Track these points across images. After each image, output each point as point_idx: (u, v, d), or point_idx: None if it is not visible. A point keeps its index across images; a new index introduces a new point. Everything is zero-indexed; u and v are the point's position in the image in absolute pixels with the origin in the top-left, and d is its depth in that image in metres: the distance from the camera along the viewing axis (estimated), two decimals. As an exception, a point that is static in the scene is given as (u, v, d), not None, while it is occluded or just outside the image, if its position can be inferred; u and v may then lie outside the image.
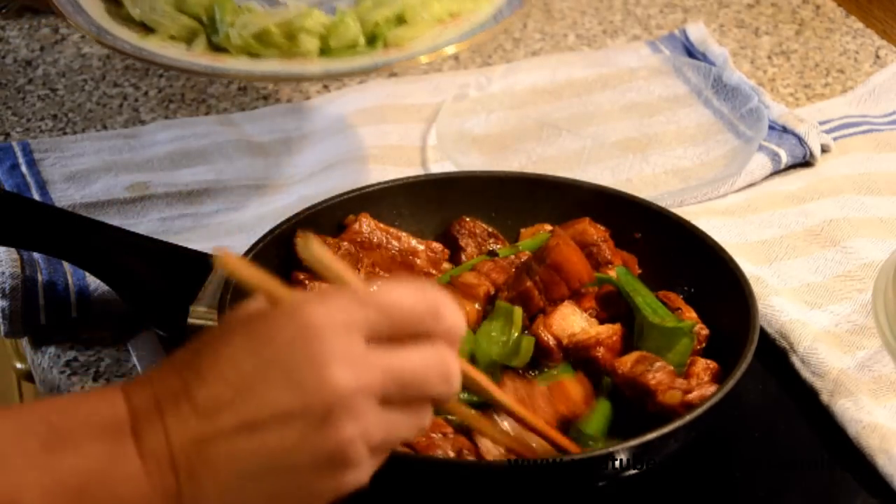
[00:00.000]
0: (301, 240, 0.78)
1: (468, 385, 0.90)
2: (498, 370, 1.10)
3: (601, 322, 1.15)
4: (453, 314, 0.79)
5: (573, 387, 1.09)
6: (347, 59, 1.14)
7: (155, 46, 1.14)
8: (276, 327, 0.75)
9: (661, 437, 1.01)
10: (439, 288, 0.80)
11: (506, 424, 1.03)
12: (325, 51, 1.14)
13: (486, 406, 1.03)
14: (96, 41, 1.13)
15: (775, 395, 1.18)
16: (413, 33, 1.17)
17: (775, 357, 1.20)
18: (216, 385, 0.75)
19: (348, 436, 0.75)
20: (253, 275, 0.79)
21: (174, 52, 1.13)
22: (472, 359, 1.10)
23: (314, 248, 0.78)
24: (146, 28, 1.15)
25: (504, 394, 1.01)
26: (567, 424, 1.07)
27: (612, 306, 1.15)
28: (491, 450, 1.04)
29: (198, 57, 1.13)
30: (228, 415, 0.74)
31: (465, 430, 1.05)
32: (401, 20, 1.17)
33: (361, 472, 0.77)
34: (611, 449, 1.01)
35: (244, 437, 0.75)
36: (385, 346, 0.77)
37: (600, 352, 1.10)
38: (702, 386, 1.09)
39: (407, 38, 1.16)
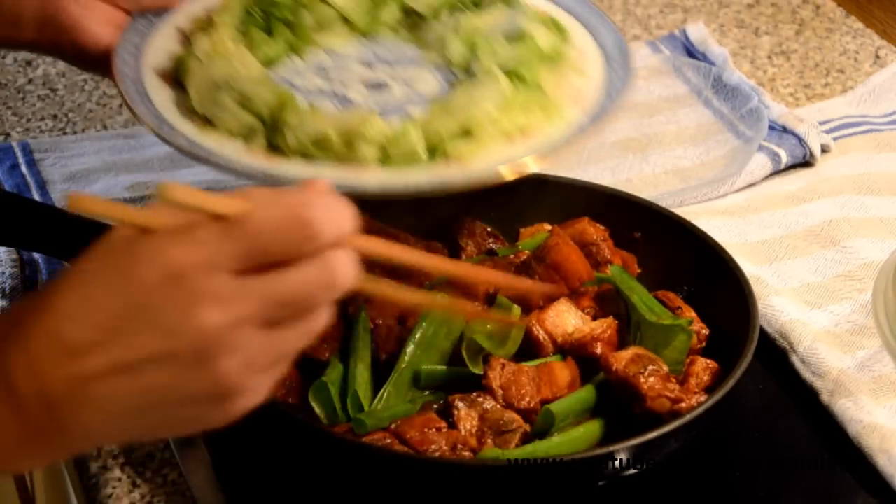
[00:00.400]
0: (160, 190, 0.75)
1: (376, 256, 0.87)
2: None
3: (599, 317, 1.15)
4: (333, 221, 0.77)
5: (560, 371, 1.10)
6: (405, 171, 1.08)
7: (212, 142, 1.09)
8: (141, 267, 0.74)
9: (660, 436, 1.02)
10: (315, 196, 0.76)
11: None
12: (385, 159, 1.09)
13: None
14: (154, 133, 1.09)
15: (775, 395, 1.18)
16: (478, 148, 1.10)
17: (775, 357, 1.20)
18: (85, 326, 0.74)
19: (224, 371, 0.74)
20: (110, 208, 0.77)
21: (230, 150, 1.09)
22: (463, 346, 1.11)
23: (173, 191, 0.75)
24: (208, 121, 1.11)
25: (417, 253, 0.96)
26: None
27: (610, 305, 1.15)
28: (463, 419, 1.05)
29: (253, 158, 1.08)
30: (100, 357, 0.74)
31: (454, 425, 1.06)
32: (467, 132, 1.11)
33: (254, 395, 0.77)
34: (610, 448, 1.01)
35: (119, 378, 0.74)
36: (261, 273, 0.75)
37: (598, 347, 1.11)
38: (700, 384, 1.09)
39: (471, 153, 1.10)
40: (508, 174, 1.08)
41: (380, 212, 1.22)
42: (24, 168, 1.40)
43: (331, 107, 1.13)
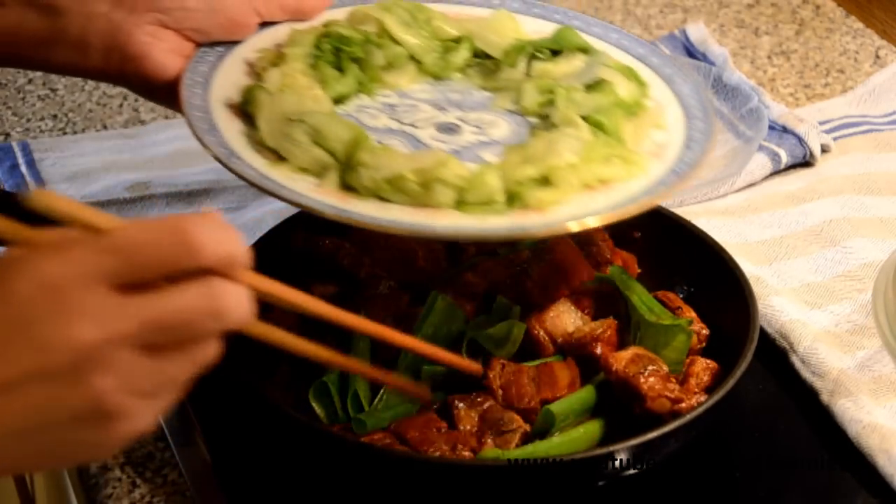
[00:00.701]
0: (32, 196, 0.74)
1: (278, 302, 0.86)
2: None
3: (599, 317, 1.15)
4: (216, 241, 0.75)
5: (561, 371, 1.10)
6: (481, 217, 1.05)
7: (282, 177, 1.06)
8: (16, 281, 0.73)
9: (660, 436, 1.02)
10: (198, 217, 0.74)
11: None
12: (461, 204, 1.06)
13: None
14: (223, 165, 1.06)
15: (775, 395, 1.18)
16: (556, 197, 1.06)
17: (775, 357, 1.20)
18: None
19: (101, 389, 0.73)
20: (71, 209, 0.75)
21: (301, 186, 1.06)
22: (465, 344, 1.11)
23: (47, 199, 0.74)
24: (278, 155, 1.09)
25: (314, 301, 0.91)
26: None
27: (610, 305, 1.15)
28: (463, 419, 1.05)
29: (326, 195, 1.05)
30: None
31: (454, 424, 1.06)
32: (546, 181, 1.08)
33: (137, 420, 0.75)
34: (610, 449, 1.01)
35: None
36: (141, 293, 0.73)
37: (598, 347, 1.11)
38: (700, 384, 1.09)
39: (549, 201, 1.06)
40: (589, 225, 1.05)
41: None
42: (24, 168, 1.40)
43: (402, 147, 1.11)
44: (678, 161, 1.11)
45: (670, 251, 1.21)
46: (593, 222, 1.05)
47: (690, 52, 1.59)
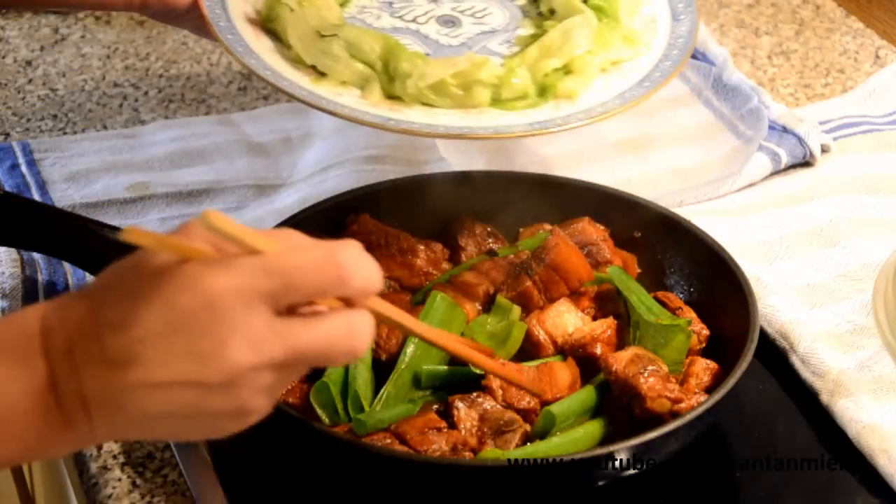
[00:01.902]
0: (204, 217, 0.77)
1: (389, 323, 0.93)
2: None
3: (599, 316, 1.15)
4: (361, 274, 0.79)
5: (561, 371, 1.10)
6: (521, 113, 1.14)
7: (328, 93, 1.13)
8: (182, 293, 0.77)
9: (660, 437, 1.02)
10: (348, 246, 0.79)
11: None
12: (495, 100, 1.15)
13: None
14: (272, 86, 1.12)
15: (775, 395, 1.18)
16: (582, 84, 1.17)
17: (775, 357, 1.20)
18: (126, 339, 0.77)
19: (245, 399, 0.79)
20: (162, 240, 0.79)
21: (348, 100, 1.12)
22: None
23: (214, 220, 0.77)
24: (317, 71, 1.15)
25: (425, 326, 1.00)
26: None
27: (610, 305, 1.15)
28: (463, 419, 1.05)
29: (375, 106, 1.12)
30: (137, 371, 0.77)
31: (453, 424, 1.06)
32: (568, 70, 1.17)
33: (264, 412, 0.81)
34: (610, 448, 1.01)
35: (150, 392, 0.78)
36: (290, 317, 0.78)
37: (598, 348, 1.11)
38: (700, 384, 1.09)
39: (577, 89, 1.16)
40: (625, 109, 1.14)
41: (380, 212, 1.22)
42: (24, 168, 1.40)
43: (417, 47, 1.18)
44: (673, 34, 1.21)
45: (670, 251, 1.22)
46: (626, 106, 1.14)
47: (690, 52, 1.59)
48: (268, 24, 1.18)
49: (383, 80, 1.14)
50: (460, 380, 1.09)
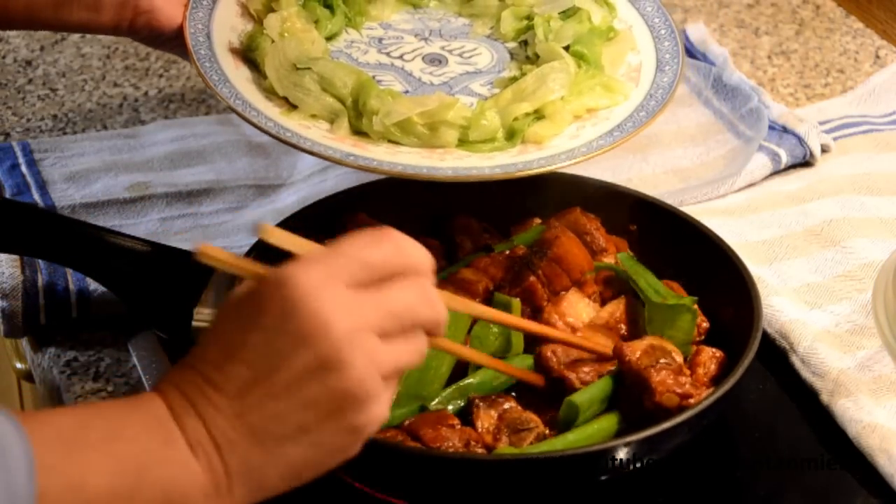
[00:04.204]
0: (261, 232, 0.85)
1: (451, 308, 0.96)
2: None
3: (603, 304, 1.16)
4: (415, 249, 0.88)
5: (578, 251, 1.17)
6: (487, 155, 1.14)
7: (296, 126, 1.13)
8: (270, 299, 0.83)
9: (663, 431, 1.02)
10: (394, 232, 0.87)
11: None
12: (463, 141, 1.15)
13: None
14: (239, 116, 1.13)
15: (775, 395, 1.18)
16: (552, 130, 1.16)
17: (775, 357, 1.20)
18: (234, 369, 0.83)
19: (361, 369, 0.83)
20: (236, 262, 0.86)
21: (315, 134, 1.13)
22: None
23: (274, 233, 0.86)
24: (289, 103, 1.16)
25: (484, 308, 1.09)
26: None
27: (612, 290, 1.17)
28: (482, 418, 1.05)
29: (340, 141, 1.13)
30: (254, 389, 0.83)
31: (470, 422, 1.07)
32: (540, 115, 1.17)
33: (381, 405, 0.85)
34: (614, 443, 1.02)
35: (273, 402, 0.83)
36: (369, 289, 0.85)
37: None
38: (708, 373, 1.09)
39: (546, 135, 1.16)
40: (588, 158, 1.14)
41: (377, 210, 1.22)
42: (24, 168, 1.40)
43: (398, 84, 1.19)
44: (654, 85, 1.21)
45: (668, 245, 1.22)
46: (591, 154, 1.14)
47: (690, 52, 1.59)
48: (248, 54, 1.19)
49: (352, 116, 1.15)
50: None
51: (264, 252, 1.17)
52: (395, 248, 0.86)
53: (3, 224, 1.20)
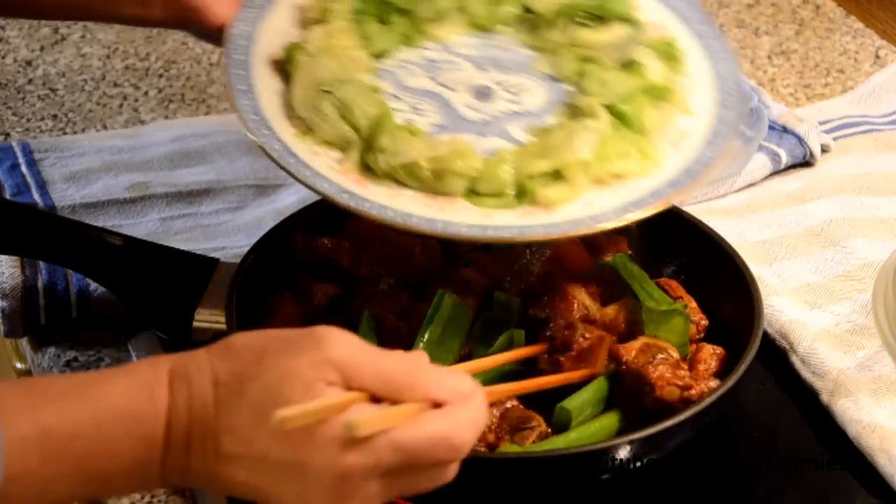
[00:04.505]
0: (351, 429, 0.84)
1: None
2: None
3: (604, 303, 1.16)
4: (473, 441, 0.88)
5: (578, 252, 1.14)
6: (486, 212, 1.07)
7: (305, 151, 1.08)
8: (316, 453, 0.84)
9: (666, 429, 1.02)
10: (469, 411, 0.87)
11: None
12: (471, 191, 1.08)
13: None
14: (249, 135, 1.08)
15: (775, 395, 1.18)
16: (566, 195, 1.07)
17: (775, 357, 1.20)
18: (243, 449, 0.84)
19: None
20: (316, 413, 0.84)
21: (321, 163, 1.07)
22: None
23: (363, 427, 0.84)
24: (306, 124, 1.10)
25: (515, 386, 1.08)
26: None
27: (613, 289, 1.16)
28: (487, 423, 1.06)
29: (344, 175, 1.07)
30: (242, 473, 0.85)
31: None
32: (558, 175, 1.08)
33: None
34: (617, 441, 1.02)
35: (250, 491, 0.86)
36: (399, 478, 0.86)
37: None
38: (709, 370, 1.09)
39: (559, 200, 1.07)
40: (593, 232, 1.07)
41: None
42: (24, 168, 1.40)
43: (434, 113, 1.12)
44: (695, 160, 1.11)
45: (668, 244, 1.22)
46: (597, 228, 1.06)
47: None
48: (285, 66, 1.13)
49: (363, 148, 1.09)
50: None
51: (265, 253, 1.17)
52: (452, 446, 0.87)
53: (3, 225, 1.20)
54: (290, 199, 1.36)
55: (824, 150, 1.44)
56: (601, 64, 1.15)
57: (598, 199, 1.08)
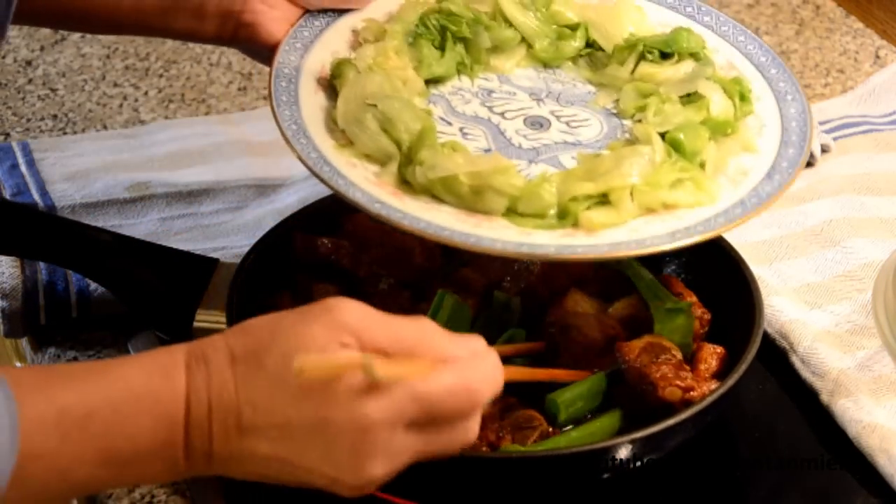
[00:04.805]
0: (366, 369, 0.85)
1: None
2: None
3: (607, 301, 1.16)
4: (490, 389, 0.90)
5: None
6: (520, 230, 1.03)
7: (343, 162, 1.06)
8: (336, 407, 0.85)
9: (667, 428, 1.02)
10: (484, 362, 0.90)
11: None
12: (511, 211, 1.04)
13: None
14: (287, 142, 1.07)
15: (775, 395, 1.18)
16: (611, 219, 1.03)
17: (775, 357, 1.20)
18: (265, 420, 0.85)
19: (371, 490, 0.89)
20: (333, 368, 0.85)
21: (357, 175, 1.05)
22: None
23: (378, 370, 0.85)
24: (347, 137, 1.08)
25: (526, 371, 1.08)
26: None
27: (615, 288, 1.16)
28: (485, 415, 1.06)
29: (380, 187, 1.04)
30: (266, 445, 0.86)
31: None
32: (605, 200, 1.04)
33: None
34: (618, 440, 1.02)
35: (273, 464, 0.87)
36: (422, 432, 0.88)
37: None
38: (709, 369, 1.09)
39: (603, 223, 1.03)
40: (630, 253, 1.03)
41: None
42: (23, 168, 1.40)
43: (483, 139, 1.10)
44: (751, 193, 1.08)
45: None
46: (640, 252, 1.03)
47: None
48: (332, 81, 1.13)
49: (403, 162, 1.06)
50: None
51: (265, 253, 1.17)
52: (470, 397, 0.88)
53: (3, 225, 1.20)
54: (290, 199, 1.36)
55: (824, 150, 1.44)
56: (662, 97, 1.12)
57: (645, 226, 1.04)
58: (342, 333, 0.86)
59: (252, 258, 1.16)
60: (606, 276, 1.17)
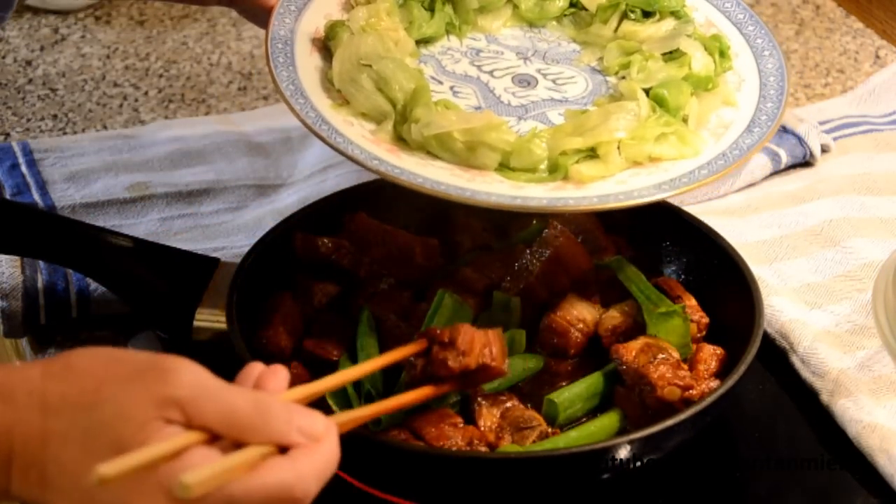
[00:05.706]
0: (185, 486, 0.79)
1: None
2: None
3: (605, 304, 1.16)
4: (315, 489, 0.83)
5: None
6: (517, 184, 1.07)
7: (339, 121, 1.10)
8: (141, 499, 0.79)
9: (666, 428, 1.02)
10: (313, 470, 0.83)
11: None
12: (504, 166, 1.09)
13: None
14: (285, 102, 1.09)
15: (775, 395, 1.18)
16: (599, 172, 1.08)
17: (775, 357, 1.20)
18: (69, 481, 0.80)
19: None
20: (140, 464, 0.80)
21: (354, 132, 1.09)
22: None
23: (198, 481, 0.79)
24: (342, 97, 1.12)
25: (382, 403, 1.00)
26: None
27: (614, 290, 1.16)
28: (485, 416, 1.05)
29: (376, 144, 1.08)
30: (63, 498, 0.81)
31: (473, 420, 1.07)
32: (593, 154, 1.09)
33: None
34: (618, 440, 1.02)
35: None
36: None
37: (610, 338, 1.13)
38: (709, 370, 1.09)
39: (592, 176, 1.08)
40: (619, 205, 1.06)
41: (377, 210, 1.22)
42: (24, 168, 1.40)
43: (473, 96, 1.14)
44: (732, 145, 1.12)
45: (669, 244, 1.22)
46: (628, 203, 1.06)
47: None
48: (327, 42, 1.16)
49: (398, 121, 1.10)
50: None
51: (265, 253, 1.17)
52: (293, 502, 0.82)
53: (3, 225, 1.20)
54: (290, 199, 1.36)
55: (824, 150, 1.44)
56: (645, 54, 1.17)
57: (633, 178, 1.09)
58: (169, 408, 0.80)
59: (252, 258, 1.16)
60: (607, 277, 1.17)
